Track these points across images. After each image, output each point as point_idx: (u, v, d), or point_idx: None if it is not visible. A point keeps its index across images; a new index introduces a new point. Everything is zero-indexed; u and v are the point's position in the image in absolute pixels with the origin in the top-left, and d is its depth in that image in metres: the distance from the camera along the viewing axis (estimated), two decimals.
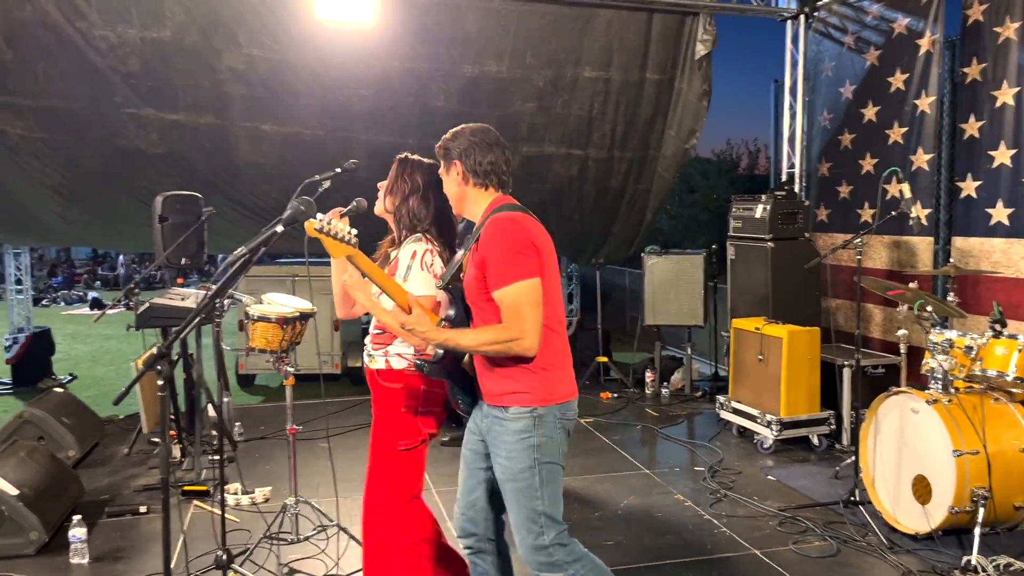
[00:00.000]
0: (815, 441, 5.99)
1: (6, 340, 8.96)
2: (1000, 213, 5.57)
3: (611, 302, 10.77)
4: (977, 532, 3.96)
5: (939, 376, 4.36)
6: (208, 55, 6.34)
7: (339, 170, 3.30)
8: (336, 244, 2.54)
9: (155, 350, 3.91)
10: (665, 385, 7.77)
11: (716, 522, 4.70)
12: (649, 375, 7.84)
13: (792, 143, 7.90)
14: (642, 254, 7.88)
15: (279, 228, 2.62)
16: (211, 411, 5.60)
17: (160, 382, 2.46)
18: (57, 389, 6.48)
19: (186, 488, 5.05)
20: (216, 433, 5.59)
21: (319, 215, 2.58)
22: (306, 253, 2.72)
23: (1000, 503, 4.07)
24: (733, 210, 7.10)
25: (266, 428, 6.59)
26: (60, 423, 5.69)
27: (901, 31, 6.44)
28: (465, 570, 3.33)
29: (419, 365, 2.77)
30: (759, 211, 6.72)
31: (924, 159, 6.20)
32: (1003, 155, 5.56)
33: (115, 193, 6.93)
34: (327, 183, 3.24)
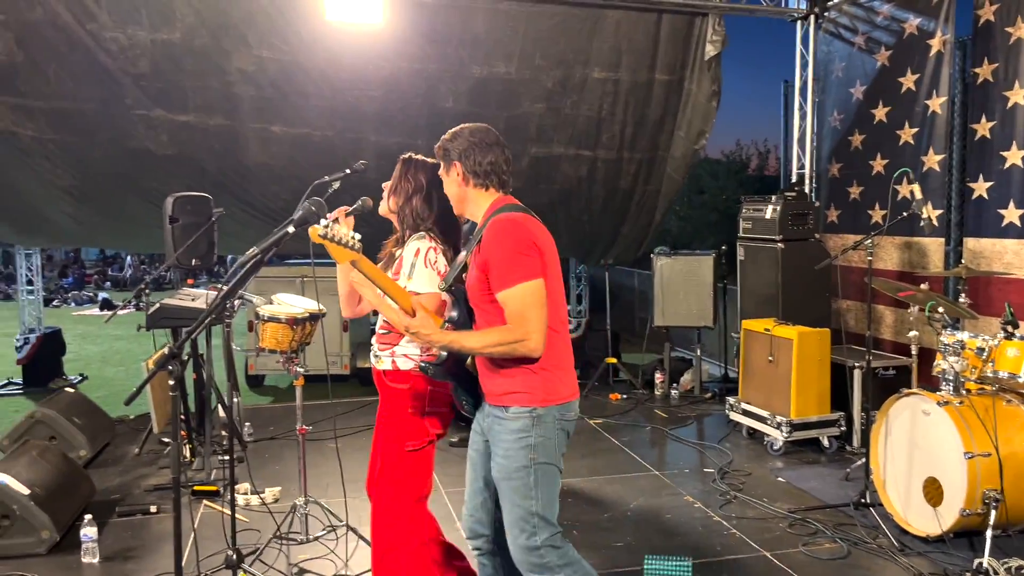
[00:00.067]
0: (825, 443, 5.97)
1: (17, 340, 9.00)
2: (1012, 214, 5.55)
3: (620, 303, 10.76)
4: (989, 534, 3.93)
5: (950, 378, 4.34)
6: (218, 56, 6.35)
7: (348, 171, 3.30)
8: (340, 250, 2.54)
9: (166, 350, 3.92)
10: (674, 386, 7.76)
11: (726, 524, 4.69)
12: (658, 376, 7.83)
13: (802, 144, 7.88)
14: (651, 255, 7.87)
15: (290, 229, 2.62)
16: (221, 411, 5.62)
17: (171, 382, 2.47)
18: (68, 389, 6.50)
19: (196, 488, 5.07)
20: (226, 433, 5.62)
21: (323, 220, 2.58)
22: (311, 254, 2.72)
23: (1012, 505, 4.05)
24: (743, 211, 7.09)
25: (275, 428, 6.61)
26: (71, 423, 5.73)
27: (912, 31, 6.41)
28: (469, 568, 3.34)
29: (423, 367, 2.77)
30: (769, 212, 6.71)
31: (935, 160, 6.18)
32: (1015, 156, 5.53)
33: (125, 194, 6.97)
34: (337, 184, 3.24)
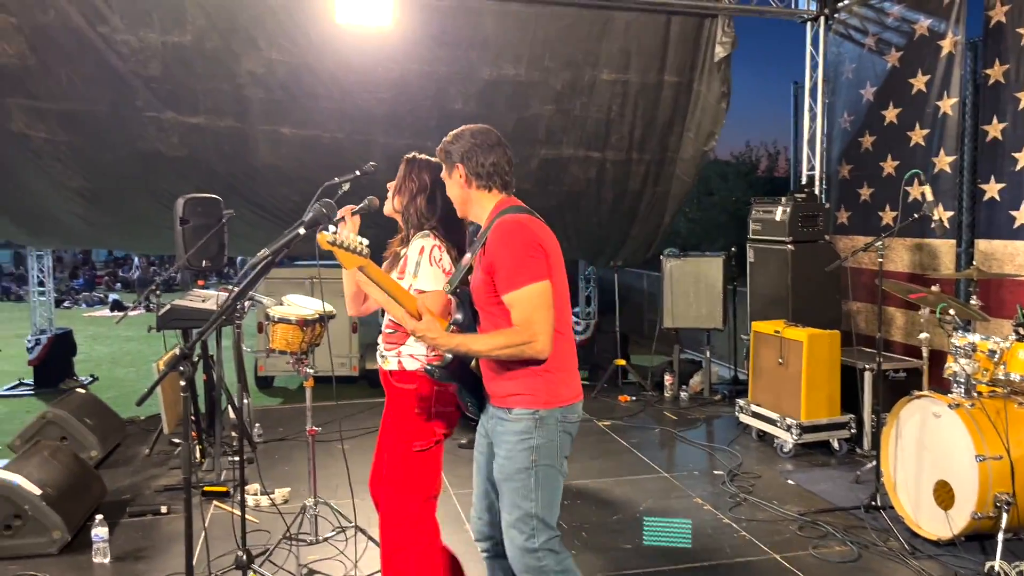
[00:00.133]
0: (835, 445, 5.95)
1: (28, 341, 9.06)
2: None
3: (629, 305, 10.74)
4: (1000, 538, 3.91)
5: (962, 380, 4.31)
6: (228, 59, 6.38)
7: (358, 173, 3.31)
8: (349, 255, 2.54)
9: (177, 351, 3.94)
10: (684, 388, 7.75)
11: (735, 526, 4.67)
12: (668, 378, 7.82)
13: (812, 145, 7.86)
14: (661, 257, 7.86)
15: (301, 230, 2.63)
16: (231, 412, 5.64)
17: (182, 383, 2.48)
18: (79, 390, 6.53)
19: (206, 488, 5.08)
20: (236, 434, 5.64)
21: (331, 227, 2.59)
22: (317, 256, 2.72)
23: None
24: (753, 212, 7.08)
25: (285, 429, 6.62)
26: (82, 424, 5.76)
27: (923, 32, 6.39)
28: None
29: (429, 370, 2.77)
30: (779, 214, 6.69)
31: (946, 161, 6.15)
32: None
33: (136, 195, 7.00)
34: (346, 186, 3.25)
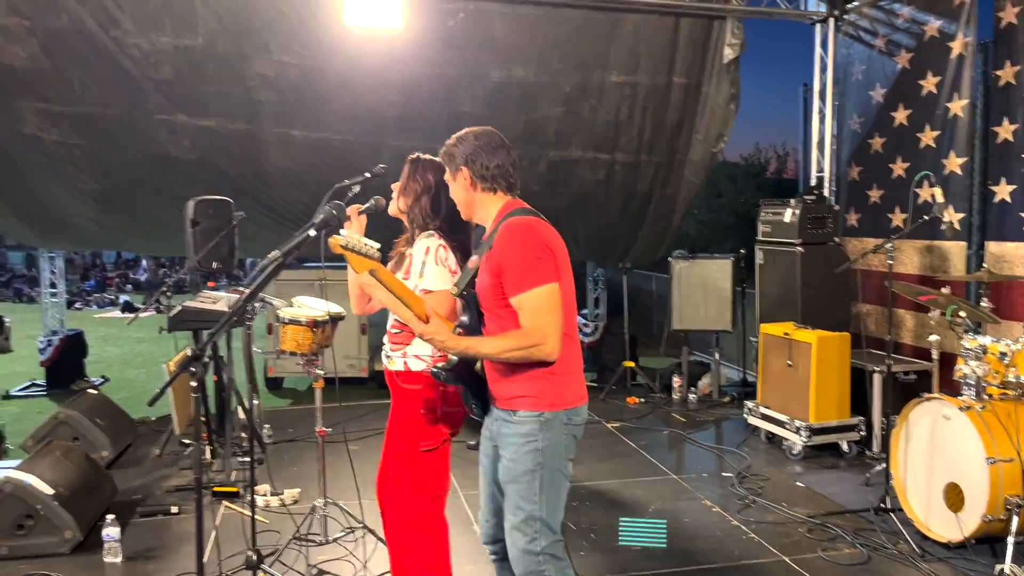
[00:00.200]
0: (845, 448, 5.93)
1: (40, 343, 9.12)
2: None
3: (638, 307, 10.74)
4: (1011, 541, 3.89)
5: (972, 382, 4.30)
6: (239, 62, 6.41)
7: (368, 175, 3.33)
8: (360, 259, 2.56)
9: (188, 352, 3.96)
10: (692, 390, 7.73)
11: (744, 528, 4.67)
12: (676, 380, 7.81)
13: (821, 147, 7.84)
14: (670, 259, 7.85)
15: (312, 232, 2.64)
16: (240, 413, 5.67)
17: (193, 384, 2.50)
18: (91, 391, 6.57)
19: (216, 489, 5.11)
20: (246, 435, 5.66)
21: (342, 230, 2.60)
22: (322, 257, 2.73)
23: None
24: (762, 215, 7.06)
25: (295, 431, 6.64)
26: (94, 424, 5.80)
27: (933, 34, 6.37)
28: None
29: (435, 372, 2.77)
30: (788, 215, 6.68)
31: (957, 163, 6.13)
32: None
33: (148, 198, 7.03)
34: (357, 188, 3.27)
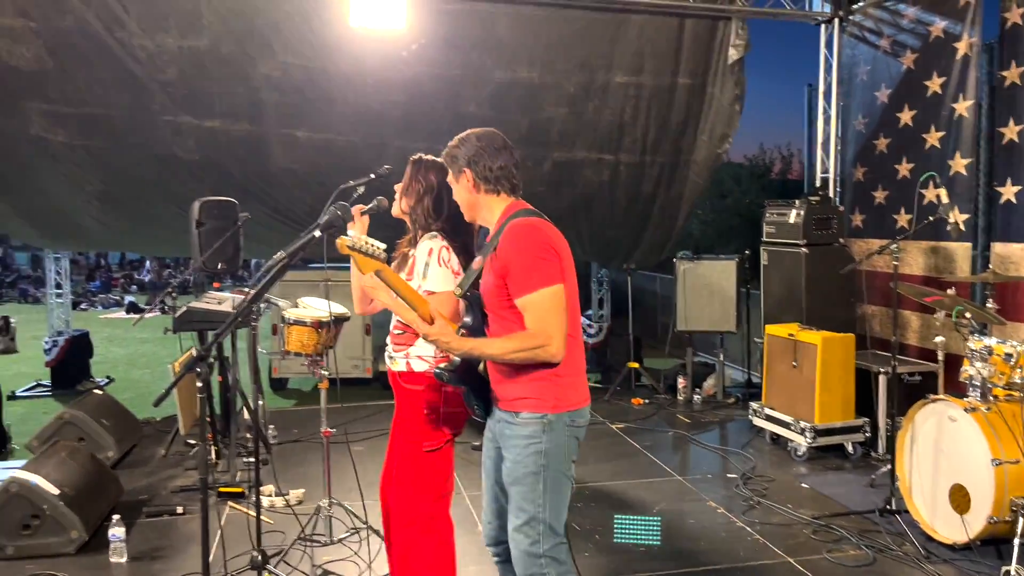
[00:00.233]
0: (850, 449, 5.92)
1: (46, 343, 9.14)
2: None
3: (642, 308, 10.72)
4: (1016, 542, 3.87)
5: (978, 384, 4.29)
6: (244, 63, 6.42)
7: (373, 176, 3.34)
8: (366, 260, 2.57)
9: (193, 352, 3.97)
10: (697, 391, 7.73)
11: (749, 529, 4.66)
12: (681, 381, 7.81)
13: (826, 148, 7.83)
14: (674, 260, 7.85)
15: (317, 233, 2.64)
16: (245, 414, 5.67)
17: (199, 384, 2.50)
18: (96, 391, 6.58)
19: (221, 489, 5.12)
20: (251, 435, 5.67)
21: (350, 232, 2.60)
22: (324, 258, 2.74)
23: None
24: (767, 215, 7.05)
25: (299, 431, 6.65)
26: (99, 424, 5.80)
27: (938, 34, 6.36)
28: None
29: (438, 373, 2.78)
30: (793, 216, 6.67)
31: (962, 164, 6.12)
32: None
33: (152, 199, 7.05)
34: (362, 189, 3.28)
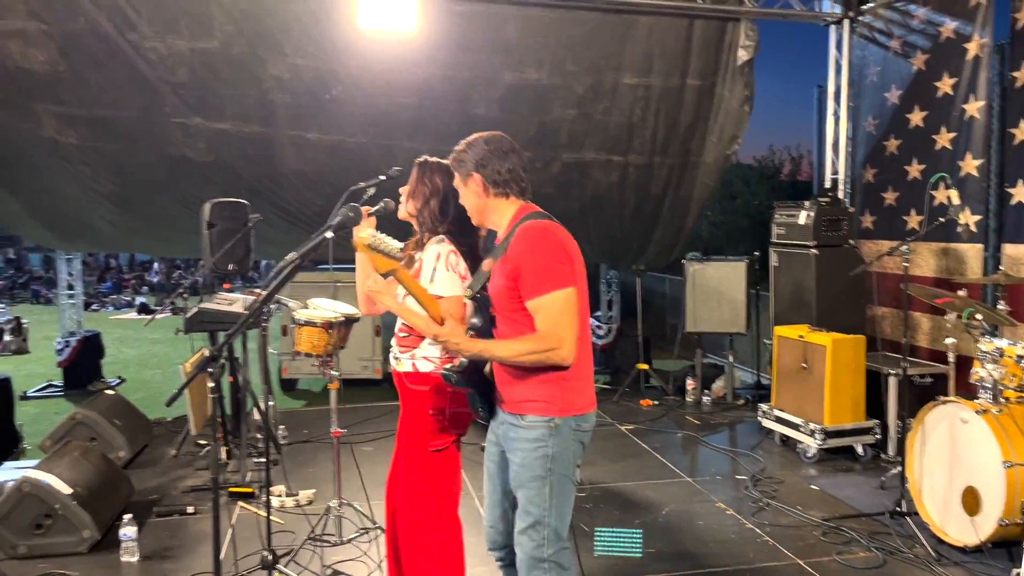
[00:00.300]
0: (860, 451, 5.90)
1: (58, 344, 9.20)
2: None
3: (651, 309, 10.73)
4: None
5: (989, 386, 4.28)
6: (254, 65, 6.44)
7: (383, 177, 3.35)
8: (383, 259, 2.58)
9: (205, 353, 4.00)
10: (706, 393, 7.71)
11: (759, 531, 4.65)
12: (690, 383, 7.79)
13: (836, 149, 7.81)
14: (683, 261, 7.84)
15: (329, 234, 2.66)
16: (256, 414, 5.70)
17: (211, 384, 2.52)
18: (108, 391, 6.62)
19: (232, 489, 5.14)
20: (261, 436, 5.70)
21: (368, 229, 2.62)
22: (330, 259, 2.75)
23: None
24: (776, 217, 7.04)
25: (309, 431, 6.67)
26: (111, 424, 5.84)
27: (949, 35, 6.34)
28: None
29: (446, 375, 2.78)
30: (803, 218, 6.66)
31: (973, 165, 6.09)
32: None
33: (164, 200, 7.09)
34: (372, 190, 3.29)
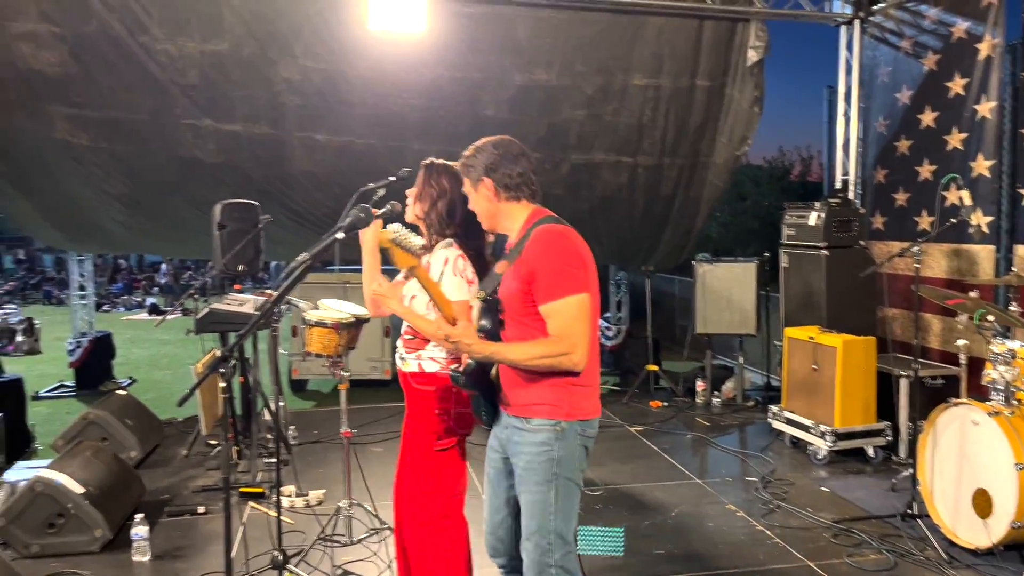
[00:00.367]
0: (871, 453, 5.88)
1: (69, 344, 9.24)
2: None
3: (661, 310, 10.70)
4: None
5: (1001, 387, 4.26)
6: (264, 67, 6.48)
7: (393, 178, 3.36)
8: (404, 255, 2.60)
9: (216, 353, 4.01)
10: (716, 394, 7.70)
11: (769, 533, 4.64)
12: (700, 384, 7.78)
13: (846, 150, 7.78)
14: (693, 262, 7.83)
15: (340, 235, 2.66)
16: (266, 415, 5.72)
17: (222, 385, 2.53)
18: (119, 392, 6.65)
19: (242, 490, 5.16)
20: (271, 436, 5.71)
21: (392, 224, 2.64)
22: (336, 259, 2.76)
23: None
24: (786, 218, 7.02)
25: (320, 432, 6.69)
26: (123, 424, 5.87)
27: (960, 35, 6.31)
28: None
29: (453, 376, 2.78)
30: (813, 219, 6.63)
31: (985, 166, 6.06)
32: None
33: (174, 201, 7.12)
34: (382, 191, 3.30)
